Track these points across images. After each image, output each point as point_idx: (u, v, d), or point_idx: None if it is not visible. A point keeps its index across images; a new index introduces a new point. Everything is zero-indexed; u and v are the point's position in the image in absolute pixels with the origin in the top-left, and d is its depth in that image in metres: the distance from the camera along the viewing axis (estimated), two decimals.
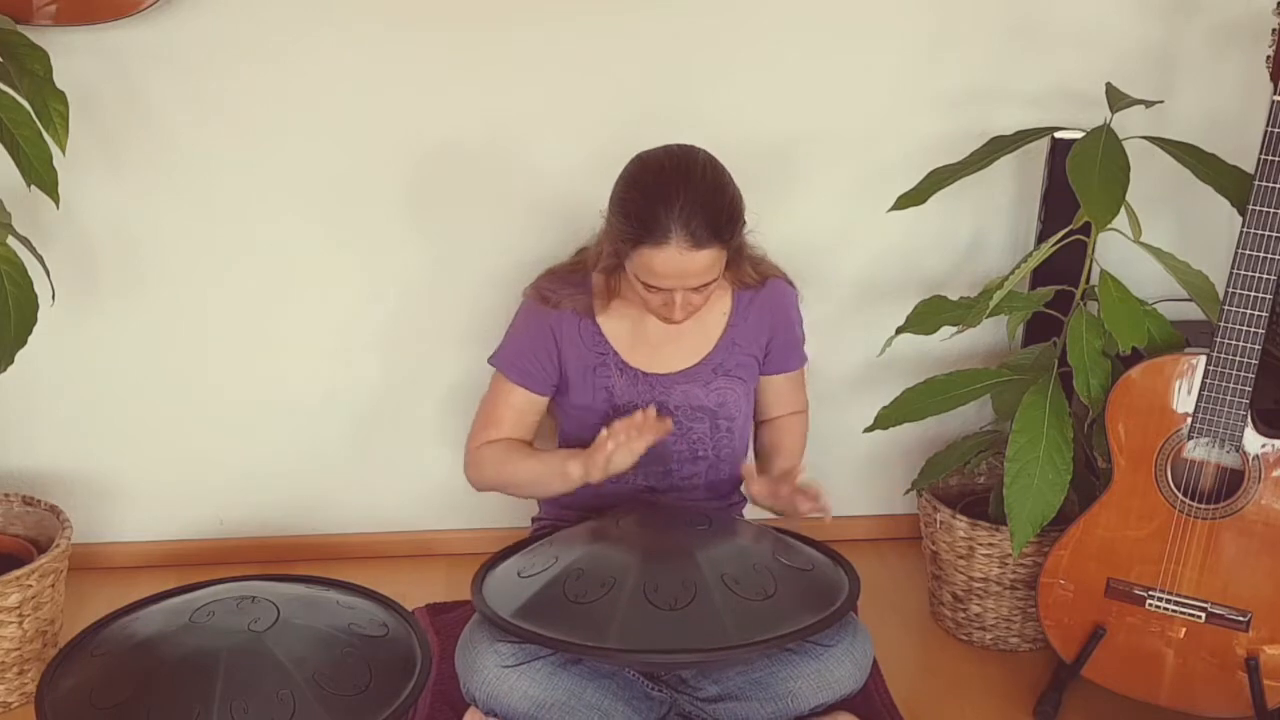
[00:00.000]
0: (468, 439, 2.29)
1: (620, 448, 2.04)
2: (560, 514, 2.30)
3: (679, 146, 2.06)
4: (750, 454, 2.36)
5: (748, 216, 2.10)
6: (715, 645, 1.83)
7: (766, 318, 2.24)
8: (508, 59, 2.45)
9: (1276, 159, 1.98)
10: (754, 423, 2.36)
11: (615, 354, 2.19)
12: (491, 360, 2.25)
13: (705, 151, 2.06)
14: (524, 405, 2.24)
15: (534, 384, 2.22)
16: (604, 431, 2.05)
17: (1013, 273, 2.29)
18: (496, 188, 2.53)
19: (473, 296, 2.59)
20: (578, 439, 2.23)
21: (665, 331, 2.19)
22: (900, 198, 2.33)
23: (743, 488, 2.23)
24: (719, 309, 2.22)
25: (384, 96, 2.45)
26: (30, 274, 2.11)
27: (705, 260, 2.00)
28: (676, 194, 1.97)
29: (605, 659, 1.93)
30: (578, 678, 1.95)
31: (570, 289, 2.19)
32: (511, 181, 2.53)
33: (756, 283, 2.23)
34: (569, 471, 2.09)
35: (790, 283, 2.29)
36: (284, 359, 2.61)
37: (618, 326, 2.20)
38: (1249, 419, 2.07)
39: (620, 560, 1.95)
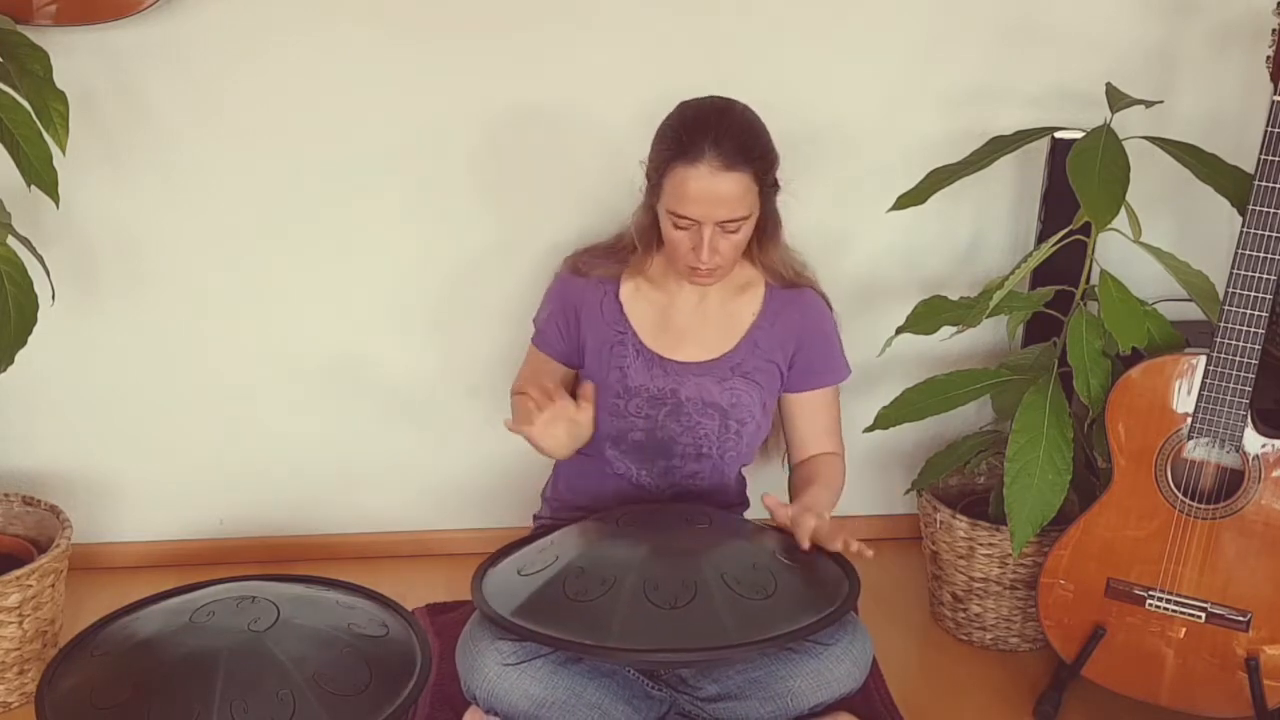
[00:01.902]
0: None
1: (545, 429, 2.02)
2: (561, 513, 2.30)
3: (723, 96, 2.13)
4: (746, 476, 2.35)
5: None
6: (715, 644, 1.83)
7: (795, 326, 2.23)
8: (505, 58, 2.45)
9: (1276, 159, 1.98)
10: (788, 462, 2.32)
11: (634, 334, 2.20)
12: (535, 319, 2.32)
13: (748, 105, 2.12)
14: (545, 371, 2.26)
15: (554, 352, 2.26)
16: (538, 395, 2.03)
17: (1013, 273, 2.29)
18: (498, 187, 2.54)
19: (473, 298, 2.59)
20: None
21: (691, 321, 2.20)
22: (900, 198, 2.33)
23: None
24: (749, 307, 2.22)
25: (384, 95, 2.45)
26: (30, 274, 2.11)
27: (735, 187, 2.03)
28: (712, 120, 2.05)
29: (605, 658, 1.92)
30: (578, 676, 1.95)
31: (603, 261, 2.23)
32: (513, 182, 2.53)
33: (789, 278, 2.23)
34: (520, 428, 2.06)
35: (828, 302, 2.29)
36: (284, 359, 2.61)
37: (644, 309, 2.21)
38: (1249, 419, 2.07)
39: (620, 559, 1.95)
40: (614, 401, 2.20)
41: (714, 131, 2.03)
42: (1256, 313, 2.02)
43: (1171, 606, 2.17)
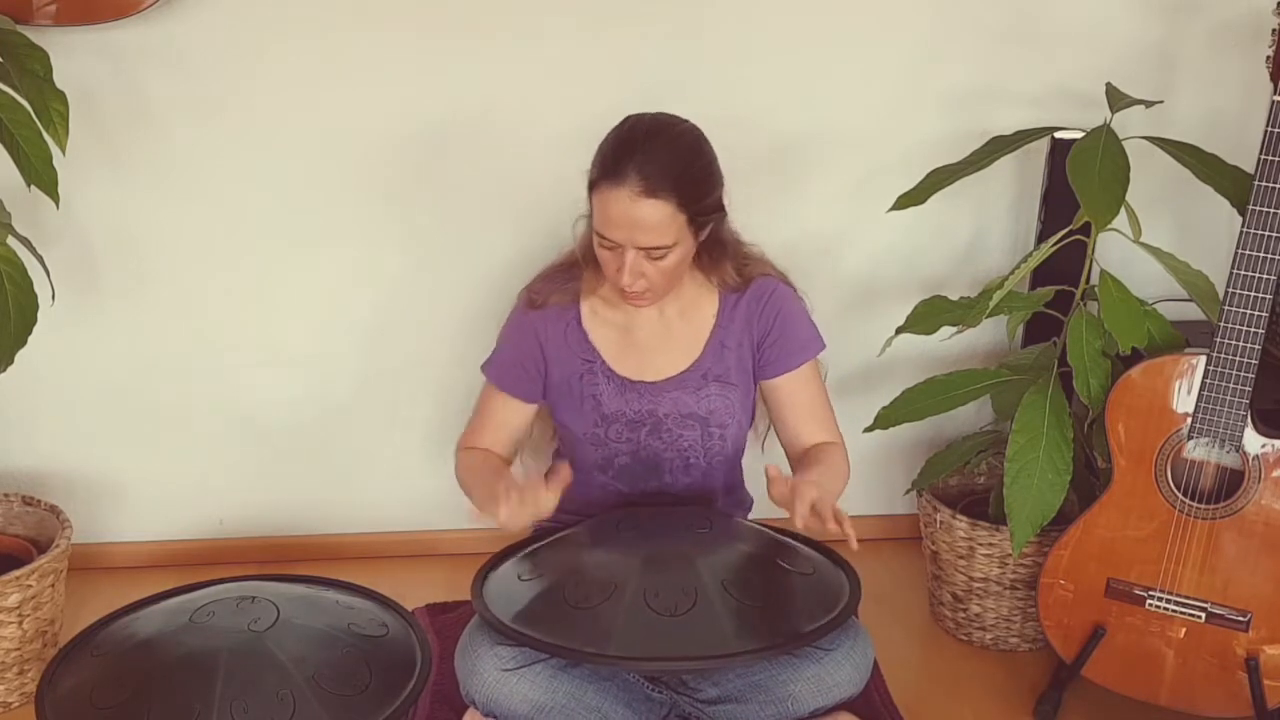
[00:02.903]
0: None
1: (515, 511, 1.90)
2: (561, 516, 2.29)
3: (670, 114, 2.06)
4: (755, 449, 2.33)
5: (743, 225, 2.11)
6: (715, 653, 1.82)
7: (756, 316, 2.18)
8: (512, 60, 2.45)
9: (1276, 159, 1.98)
10: (786, 452, 2.25)
11: (602, 361, 2.17)
12: (484, 367, 2.23)
13: (695, 125, 2.05)
14: (506, 413, 2.20)
15: (518, 391, 2.19)
16: (503, 488, 1.92)
17: (1013, 273, 2.29)
18: (498, 185, 2.54)
19: (473, 294, 2.59)
20: (574, 455, 2.23)
21: (654, 337, 2.17)
22: (900, 198, 2.33)
23: (767, 489, 2.12)
24: (706, 311, 2.19)
25: (384, 95, 2.45)
26: (30, 274, 2.11)
27: (656, 213, 1.96)
28: (645, 142, 1.98)
29: (606, 665, 1.92)
30: (578, 681, 1.95)
31: (558, 284, 2.17)
32: (512, 178, 2.53)
33: (739, 284, 2.17)
34: (486, 510, 1.95)
35: (786, 281, 2.23)
36: (284, 358, 2.61)
37: (606, 333, 2.17)
38: (1249, 419, 2.07)
39: (621, 565, 1.94)
40: (593, 431, 2.17)
41: (641, 153, 1.95)
42: (1256, 313, 2.02)
43: (1171, 606, 2.17)
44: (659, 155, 1.97)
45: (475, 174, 2.52)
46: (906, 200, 2.33)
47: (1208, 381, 2.07)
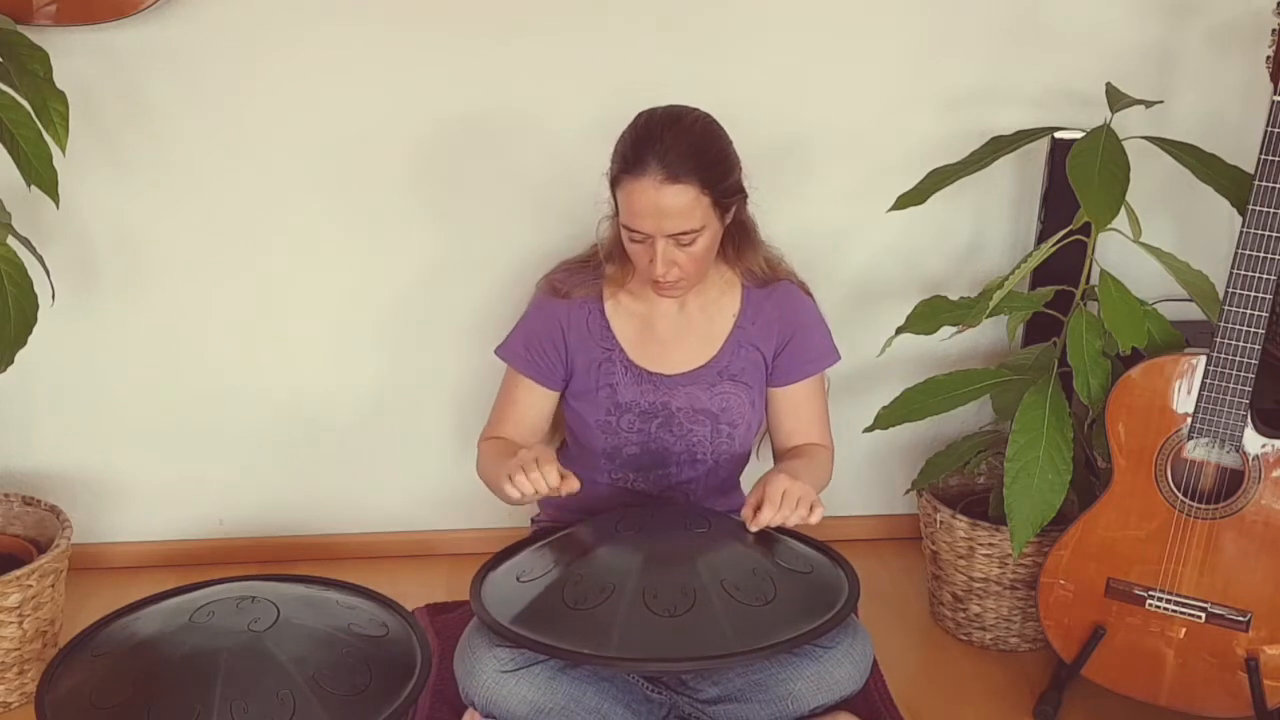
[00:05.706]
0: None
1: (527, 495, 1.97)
2: (559, 515, 2.29)
3: (681, 104, 2.09)
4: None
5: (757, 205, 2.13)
6: (714, 653, 1.82)
7: (776, 322, 2.21)
8: (510, 60, 2.45)
9: (1276, 159, 1.98)
10: (773, 450, 2.30)
11: (621, 350, 2.18)
12: (498, 351, 2.24)
13: (706, 112, 2.08)
14: (530, 399, 2.21)
15: (540, 375, 2.20)
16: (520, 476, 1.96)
17: (1013, 273, 2.29)
18: (499, 183, 2.54)
19: (473, 296, 2.59)
20: (582, 440, 2.24)
21: (674, 330, 2.18)
22: (900, 198, 2.33)
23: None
24: (728, 309, 2.21)
25: (384, 94, 2.45)
26: (30, 274, 2.11)
27: (682, 199, 1.99)
28: (662, 132, 2.01)
29: (605, 667, 1.92)
30: (577, 682, 1.95)
31: (582, 278, 2.20)
32: (514, 177, 2.53)
33: (767, 277, 2.20)
34: (506, 491, 2.00)
35: (807, 291, 2.26)
36: (284, 359, 2.62)
37: (627, 323, 2.19)
38: (1249, 419, 2.07)
39: (620, 566, 1.94)
40: (605, 419, 2.19)
41: (659, 143, 1.99)
42: (1256, 313, 2.02)
43: (1171, 606, 2.17)
44: (677, 142, 2.00)
45: (483, 171, 2.52)
46: (906, 200, 2.33)
47: (1208, 381, 2.07)
